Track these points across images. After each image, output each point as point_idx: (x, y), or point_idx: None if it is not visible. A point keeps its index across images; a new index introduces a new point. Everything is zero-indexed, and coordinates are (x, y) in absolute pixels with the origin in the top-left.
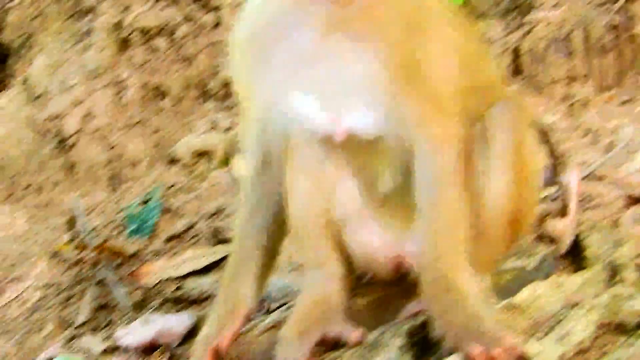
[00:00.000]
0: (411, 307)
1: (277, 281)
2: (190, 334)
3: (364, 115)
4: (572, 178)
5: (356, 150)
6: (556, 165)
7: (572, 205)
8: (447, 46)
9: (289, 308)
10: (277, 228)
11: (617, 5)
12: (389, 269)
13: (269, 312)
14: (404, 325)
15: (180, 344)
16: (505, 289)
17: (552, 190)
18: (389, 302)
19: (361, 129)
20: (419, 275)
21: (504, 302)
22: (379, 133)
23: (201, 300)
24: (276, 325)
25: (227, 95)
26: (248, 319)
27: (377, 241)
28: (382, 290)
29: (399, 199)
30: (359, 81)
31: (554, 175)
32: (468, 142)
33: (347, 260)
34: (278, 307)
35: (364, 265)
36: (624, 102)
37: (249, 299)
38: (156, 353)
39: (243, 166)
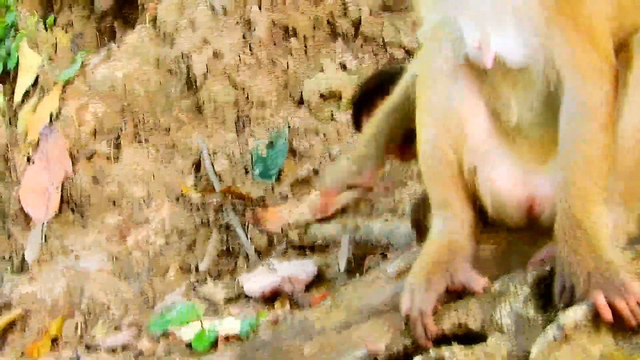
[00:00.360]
0: (540, 254)
1: (400, 227)
2: (314, 282)
3: (515, 41)
4: None
5: (500, 81)
6: None
7: None
8: None
9: (414, 253)
10: None
11: None
12: (520, 213)
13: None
14: (531, 274)
15: (303, 292)
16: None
17: None
18: (517, 249)
19: (510, 55)
20: (552, 216)
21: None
22: (528, 61)
23: (325, 246)
24: (403, 273)
25: (356, 35)
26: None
27: (509, 183)
28: (511, 236)
29: (534, 137)
30: (513, 6)
31: None
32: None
33: (477, 204)
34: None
35: (494, 209)
36: None
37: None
38: (279, 301)
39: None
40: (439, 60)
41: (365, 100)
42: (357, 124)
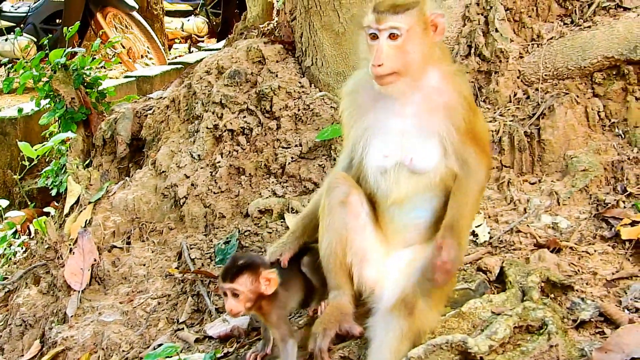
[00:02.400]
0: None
1: None
2: (251, 330)
3: (430, 153)
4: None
5: (392, 185)
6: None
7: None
8: (480, 114)
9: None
10: None
11: (531, 120)
12: (370, 293)
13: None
14: None
15: (245, 336)
16: (456, 301)
17: (487, 239)
18: None
19: (423, 162)
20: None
21: (455, 310)
22: (434, 166)
23: None
24: (308, 324)
25: (283, 174)
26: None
27: (369, 274)
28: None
29: (402, 234)
30: (431, 133)
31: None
32: None
33: (354, 284)
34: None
35: (357, 288)
36: (533, 183)
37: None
38: (230, 341)
39: (291, 220)
40: (334, 193)
41: None
42: None
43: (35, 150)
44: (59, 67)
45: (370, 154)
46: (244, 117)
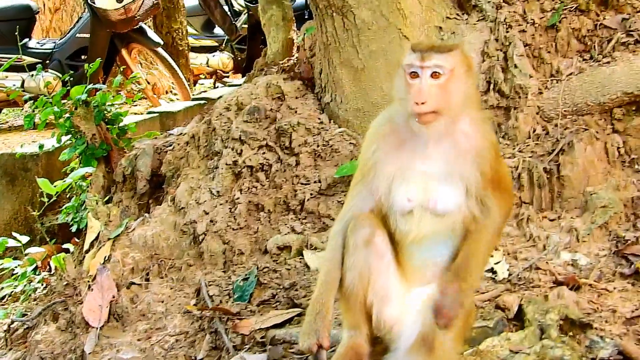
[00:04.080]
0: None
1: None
2: None
3: (453, 197)
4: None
5: (416, 226)
6: None
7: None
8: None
9: (334, 350)
10: None
11: (551, 157)
12: (388, 335)
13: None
14: None
15: None
16: (473, 339)
17: (506, 276)
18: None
19: (446, 204)
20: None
21: (473, 348)
22: (455, 209)
23: (277, 344)
24: None
25: (302, 210)
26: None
27: (390, 316)
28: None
29: (422, 273)
30: (456, 177)
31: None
32: None
33: (372, 324)
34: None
35: (377, 329)
36: (552, 220)
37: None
38: None
39: (309, 256)
40: (359, 233)
41: None
42: None
43: (55, 186)
44: (80, 103)
45: (394, 196)
46: (263, 153)
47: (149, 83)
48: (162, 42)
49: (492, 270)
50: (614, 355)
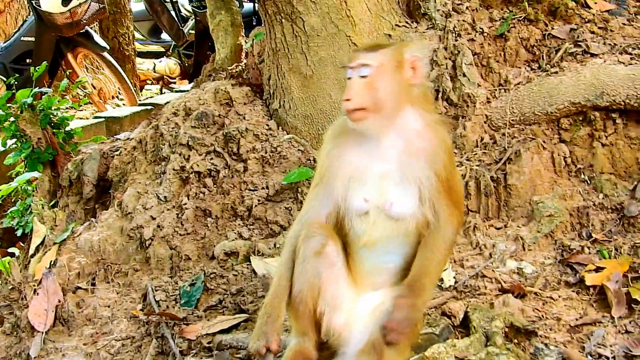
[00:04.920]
0: None
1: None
2: None
3: (408, 200)
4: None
5: (370, 229)
6: None
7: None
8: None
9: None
10: None
11: (498, 165)
12: (337, 340)
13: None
14: None
15: None
16: (420, 346)
17: (452, 283)
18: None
19: (401, 208)
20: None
21: (419, 354)
22: (411, 213)
23: (224, 349)
24: None
25: (249, 216)
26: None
27: (338, 322)
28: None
29: (374, 280)
30: (411, 179)
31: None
32: None
33: (321, 331)
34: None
35: (325, 335)
36: (499, 228)
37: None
38: None
39: (256, 263)
40: (310, 242)
41: None
42: None
43: (0, 190)
44: (26, 107)
45: (351, 196)
46: (211, 159)
47: (95, 88)
48: (108, 47)
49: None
50: None
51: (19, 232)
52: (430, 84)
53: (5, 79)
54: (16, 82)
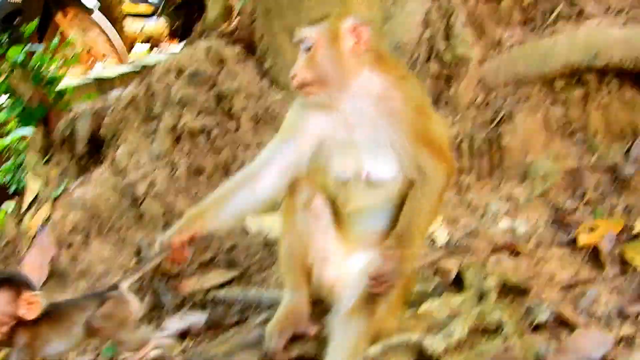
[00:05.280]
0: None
1: (267, 293)
2: (210, 326)
3: (385, 165)
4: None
5: (352, 193)
6: None
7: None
8: (438, 120)
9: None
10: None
11: (491, 126)
12: (328, 294)
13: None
14: None
15: (204, 332)
16: (412, 302)
17: (445, 241)
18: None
19: (379, 174)
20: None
21: (412, 310)
22: (390, 177)
23: (218, 304)
24: (265, 322)
25: None
26: (194, 239)
27: (327, 276)
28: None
29: (360, 236)
30: (384, 143)
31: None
32: None
33: (312, 286)
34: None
35: (314, 289)
36: (492, 188)
37: (205, 225)
38: (188, 337)
39: (249, 220)
40: (297, 196)
41: None
42: None
43: None
44: (18, 64)
45: (330, 167)
46: (204, 117)
47: (84, 48)
48: (97, 6)
49: (431, 237)
50: (551, 320)
51: (11, 189)
52: (422, 45)
53: None
54: (7, 39)
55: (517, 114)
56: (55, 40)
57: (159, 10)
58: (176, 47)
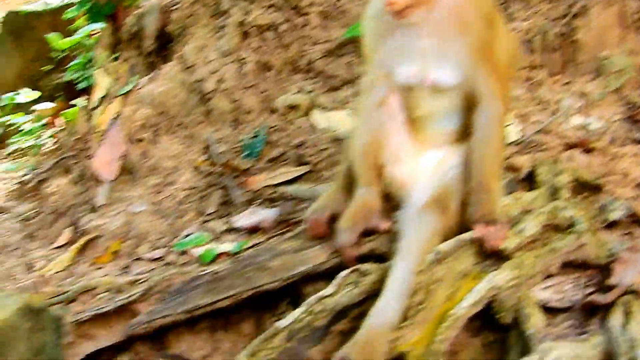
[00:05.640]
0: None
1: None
2: (280, 222)
3: (449, 71)
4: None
5: (424, 98)
6: None
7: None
8: (504, 35)
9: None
10: None
11: (565, 20)
12: (400, 192)
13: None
14: None
15: (273, 228)
16: None
17: (516, 138)
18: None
19: (443, 80)
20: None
21: None
22: (455, 84)
23: (287, 200)
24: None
25: (310, 70)
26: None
27: (400, 174)
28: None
29: (433, 138)
30: (452, 50)
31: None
32: None
33: (384, 182)
34: None
35: (387, 186)
36: (564, 84)
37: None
38: (258, 233)
39: (318, 116)
40: (373, 93)
41: None
42: None
43: (61, 43)
44: None
45: (396, 74)
46: (272, 12)
47: None
48: None
49: None
50: (625, 217)
51: (80, 86)
52: None
53: None
54: None
55: (591, 7)
56: None
57: None
58: None
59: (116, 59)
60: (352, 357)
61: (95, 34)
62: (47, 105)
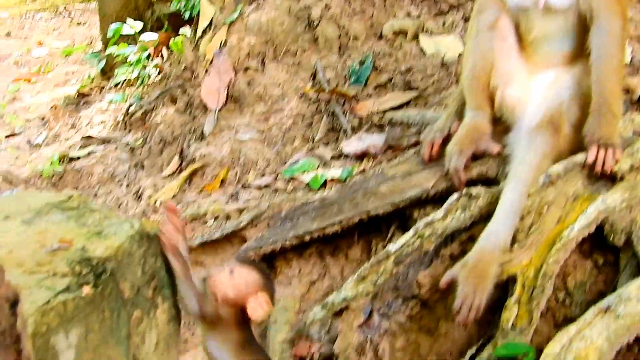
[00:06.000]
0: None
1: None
2: (388, 147)
3: None
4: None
5: (538, 19)
6: None
7: None
8: None
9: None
10: None
11: None
12: (512, 115)
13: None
14: None
15: (381, 153)
16: None
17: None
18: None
19: (558, 1)
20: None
21: None
22: (569, 4)
23: (395, 125)
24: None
25: None
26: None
27: (513, 97)
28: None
29: (547, 60)
30: None
31: None
32: None
33: (494, 106)
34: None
35: (498, 110)
36: None
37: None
38: (366, 158)
39: (425, 41)
40: (484, 16)
41: None
42: None
43: None
44: None
45: None
46: None
47: None
48: None
49: None
50: None
51: (185, 16)
52: None
53: None
54: None
55: None
56: None
57: None
58: None
59: None
60: (462, 278)
61: None
62: (152, 36)
